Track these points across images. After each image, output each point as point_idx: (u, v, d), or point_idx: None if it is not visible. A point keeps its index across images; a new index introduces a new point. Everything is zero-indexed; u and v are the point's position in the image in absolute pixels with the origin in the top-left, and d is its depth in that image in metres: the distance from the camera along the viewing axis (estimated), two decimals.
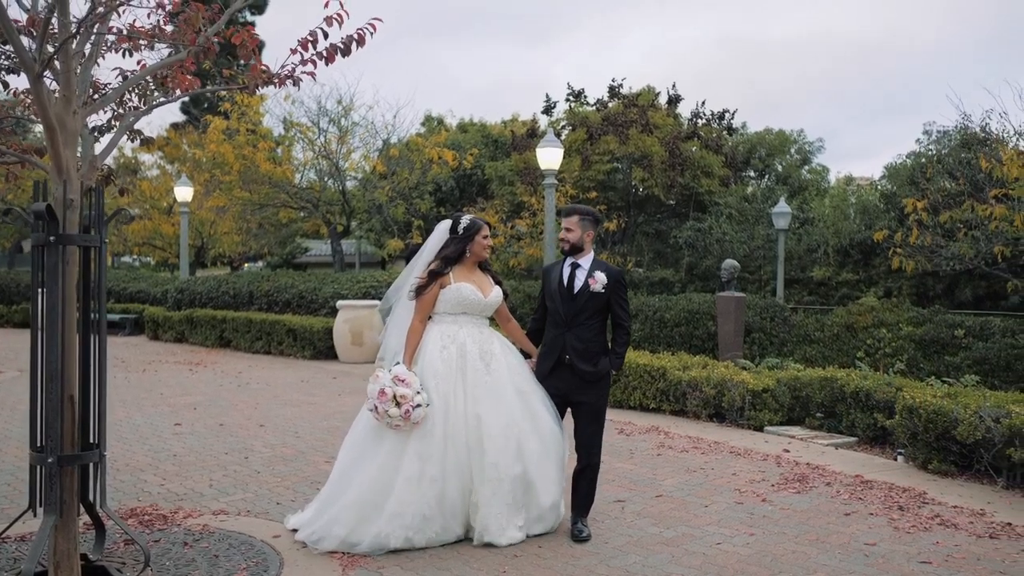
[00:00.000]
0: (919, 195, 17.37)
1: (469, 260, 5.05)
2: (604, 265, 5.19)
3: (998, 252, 15.47)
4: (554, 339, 5.13)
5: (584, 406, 5.10)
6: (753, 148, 29.59)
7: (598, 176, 23.91)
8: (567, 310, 5.09)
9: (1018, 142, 16.62)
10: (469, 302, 4.96)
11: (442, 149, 19.97)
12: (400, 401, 4.62)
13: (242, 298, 18.71)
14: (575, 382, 5.06)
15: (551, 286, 5.21)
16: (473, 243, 5.04)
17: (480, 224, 5.09)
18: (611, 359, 5.15)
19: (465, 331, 4.95)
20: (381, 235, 22.96)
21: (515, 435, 4.82)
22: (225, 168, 20.19)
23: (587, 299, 5.06)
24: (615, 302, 5.13)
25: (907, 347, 11.82)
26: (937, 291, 19.37)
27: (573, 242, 5.15)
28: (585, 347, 5.06)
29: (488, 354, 4.93)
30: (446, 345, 4.89)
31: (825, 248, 21.57)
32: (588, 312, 5.07)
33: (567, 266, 5.19)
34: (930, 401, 6.78)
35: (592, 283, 5.06)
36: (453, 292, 4.93)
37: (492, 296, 5.07)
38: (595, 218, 5.30)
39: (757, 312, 13.74)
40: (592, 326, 5.10)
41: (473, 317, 5.00)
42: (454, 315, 4.97)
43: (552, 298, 5.18)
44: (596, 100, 26.67)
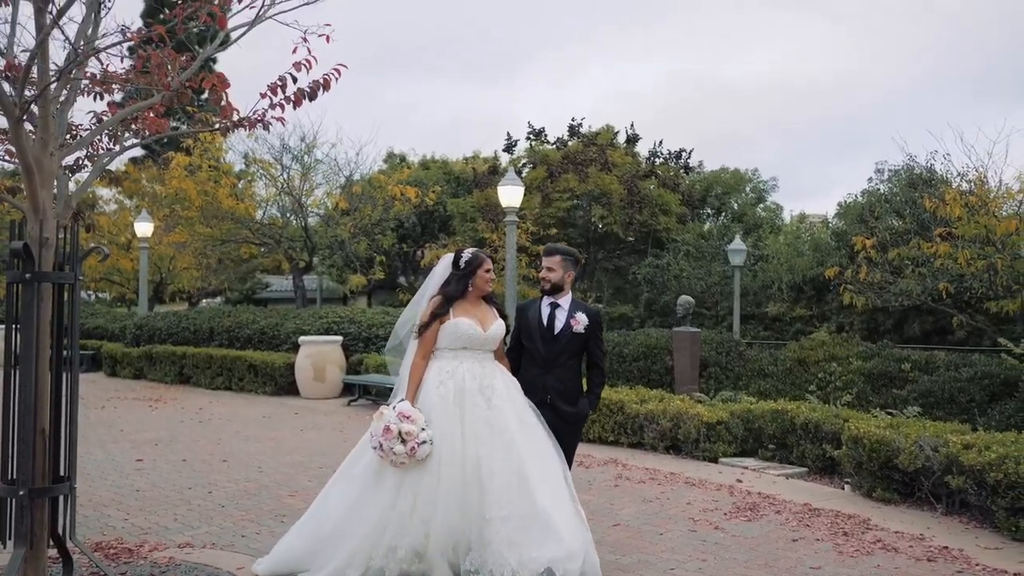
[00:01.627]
0: (868, 233, 17.97)
1: (472, 294, 4.98)
2: (583, 305, 5.20)
3: (943, 289, 16.03)
4: (534, 379, 5.06)
5: (560, 445, 4.94)
6: (709, 186, 30.28)
7: (558, 213, 24.33)
8: (548, 351, 5.05)
9: (960, 183, 17.35)
10: (468, 337, 4.86)
11: (404, 186, 20.21)
12: (406, 438, 4.55)
13: (203, 334, 18.65)
14: (556, 423, 4.96)
15: (529, 325, 5.15)
16: (476, 277, 4.97)
17: (482, 258, 5.02)
18: (589, 399, 5.17)
19: (465, 366, 4.84)
20: (343, 271, 23.06)
21: (519, 470, 4.62)
22: (185, 204, 20.21)
23: (568, 340, 5.05)
24: (593, 343, 5.14)
25: (857, 380, 12.18)
26: (887, 326, 19.93)
27: (555, 281, 5.13)
28: (566, 388, 5.05)
29: (489, 388, 4.81)
30: (443, 381, 4.81)
31: (779, 284, 22.10)
32: (568, 353, 5.07)
33: (546, 305, 5.16)
34: (874, 432, 7.09)
35: (575, 324, 5.05)
36: (451, 327, 4.86)
37: (492, 330, 4.95)
38: (576, 259, 5.30)
39: (713, 347, 14.07)
40: (572, 366, 5.11)
41: (474, 352, 4.90)
42: (454, 350, 4.88)
43: (531, 338, 5.12)
44: (556, 139, 27.20)
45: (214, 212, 19.63)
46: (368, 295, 29.98)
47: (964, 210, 15.30)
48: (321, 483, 7.74)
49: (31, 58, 4.06)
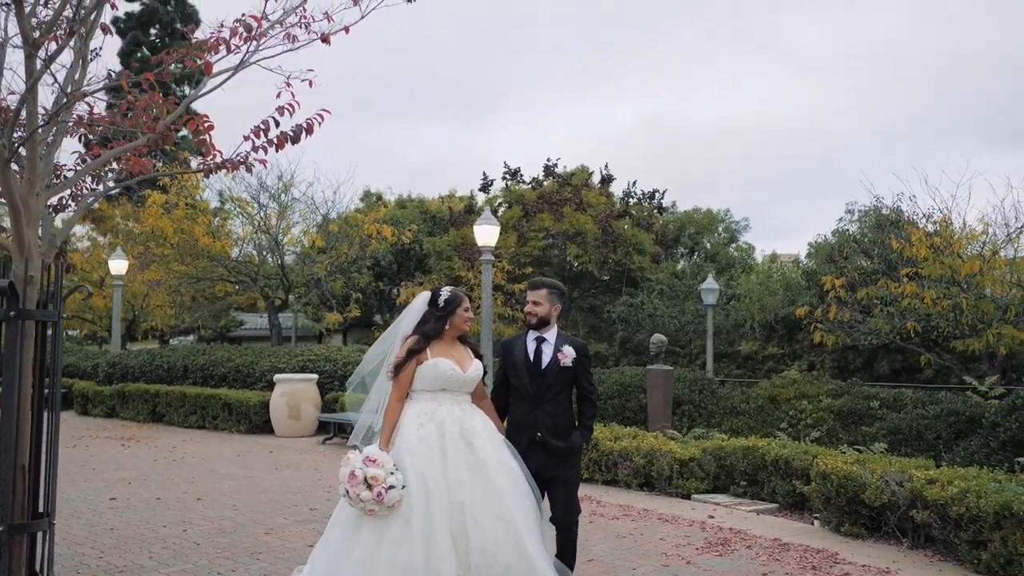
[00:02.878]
0: (838, 273, 18.33)
1: (448, 334, 4.83)
2: (569, 339, 5.12)
3: (911, 328, 16.36)
4: (523, 417, 4.97)
5: (558, 481, 4.94)
6: (682, 226, 30.71)
7: (534, 252, 24.56)
8: (536, 386, 4.95)
9: (926, 224, 17.79)
10: (447, 378, 4.69)
11: (381, 225, 20.35)
12: (371, 483, 4.32)
13: (176, 372, 18.55)
14: (548, 459, 4.88)
15: (515, 361, 5.04)
16: (454, 317, 4.83)
17: (461, 297, 4.89)
18: (581, 432, 5.06)
19: (444, 408, 4.67)
20: (319, 309, 23.08)
21: (505, 516, 4.48)
22: (159, 241, 20.22)
23: (556, 374, 4.96)
24: (581, 375, 5.05)
25: (827, 418, 12.38)
26: (857, 364, 20.22)
27: (541, 316, 5.04)
28: (556, 423, 4.94)
29: (470, 431, 4.65)
30: (423, 423, 4.61)
31: (751, 323, 22.38)
32: (557, 387, 4.98)
33: (532, 340, 5.06)
34: (841, 467, 7.25)
35: (562, 358, 4.96)
36: (430, 368, 4.68)
37: (471, 371, 4.80)
38: (561, 292, 5.22)
39: (686, 385, 14.24)
40: (561, 401, 5.01)
41: (452, 393, 4.73)
42: (432, 392, 4.70)
43: (518, 374, 5.01)
44: (532, 179, 27.52)
45: (190, 250, 19.65)
46: (343, 333, 29.95)
47: (930, 251, 15.72)
48: (297, 521, 7.80)
49: (21, 102, 4.18)
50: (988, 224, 16.36)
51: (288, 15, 5.83)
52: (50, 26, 4.32)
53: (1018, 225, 16.11)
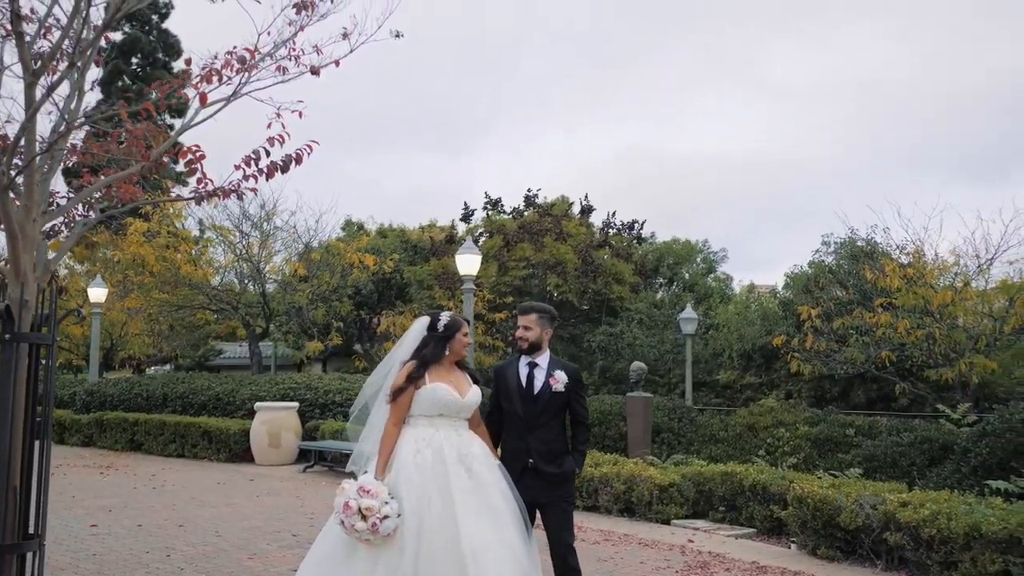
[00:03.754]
0: (814, 303, 18.64)
1: (447, 359, 4.78)
2: (561, 363, 5.05)
3: (885, 357, 16.65)
4: (516, 443, 4.92)
5: (552, 507, 4.86)
6: (661, 257, 31.04)
7: (514, 281, 24.74)
8: (528, 412, 4.89)
9: (899, 256, 18.16)
10: (445, 403, 4.62)
11: (363, 254, 20.47)
12: (366, 514, 4.26)
13: (156, 400, 18.48)
14: (542, 485, 4.82)
15: (508, 387, 4.99)
16: (454, 342, 4.78)
17: (460, 322, 4.85)
18: (575, 457, 4.99)
19: (442, 434, 4.60)
20: (299, 337, 23.09)
21: (505, 542, 4.41)
22: (138, 269, 20.22)
23: (548, 400, 4.90)
24: (575, 400, 4.98)
25: (804, 445, 12.55)
26: (833, 393, 20.48)
27: (532, 340, 4.97)
28: (548, 449, 4.87)
29: (468, 457, 4.57)
30: (420, 449, 4.54)
31: (730, 352, 22.63)
32: (550, 413, 4.91)
33: (524, 365, 4.99)
34: (817, 491, 7.41)
35: (554, 383, 4.90)
36: (428, 393, 4.61)
37: (470, 396, 4.73)
38: (552, 316, 5.14)
39: (665, 413, 14.39)
40: (554, 427, 4.94)
41: (450, 419, 4.66)
42: (430, 417, 4.63)
43: (510, 400, 4.96)
44: (512, 209, 27.79)
45: (171, 278, 19.66)
46: (323, 362, 29.92)
47: (903, 282, 16.05)
48: (280, 546, 7.84)
49: (21, 130, 4.30)
50: (959, 256, 16.75)
51: (279, 48, 6.00)
52: (50, 57, 4.46)
53: (988, 257, 16.52)
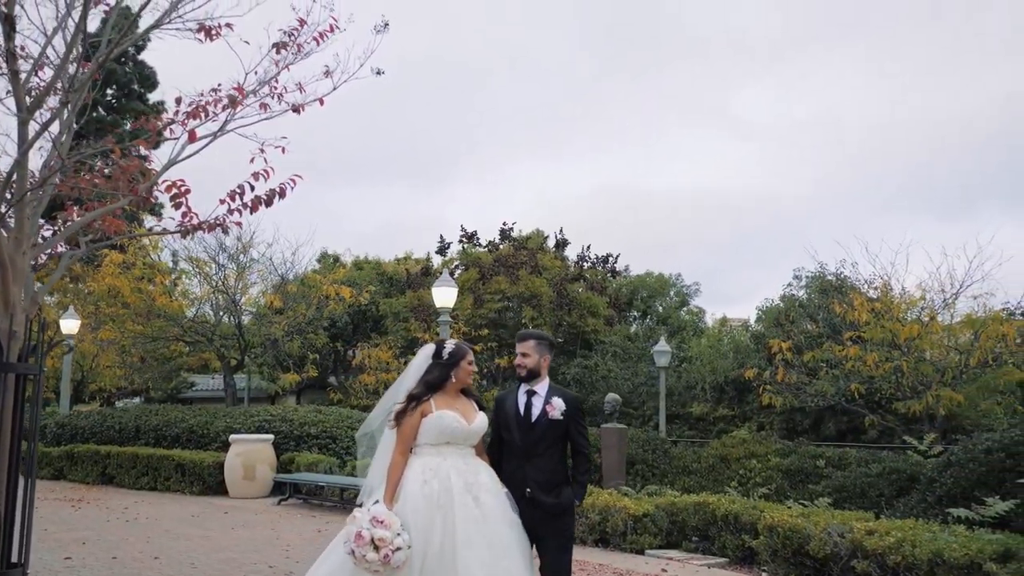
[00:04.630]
0: (785, 336, 18.95)
1: (452, 387, 4.74)
2: (561, 391, 4.94)
3: (855, 390, 16.95)
4: (513, 472, 4.79)
5: (550, 540, 4.73)
6: (635, 290, 31.36)
7: (489, 314, 24.88)
8: (525, 440, 4.81)
9: (868, 290, 18.55)
10: (452, 431, 4.59)
11: (339, 286, 20.55)
12: (379, 545, 4.22)
13: (128, 432, 18.34)
14: (539, 516, 4.68)
15: (507, 415, 4.92)
16: (458, 369, 4.74)
17: (466, 350, 4.82)
18: (574, 489, 4.86)
19: (449, 462, 4.56)
20: (274, 369, 23.03)
21: (513, 572, 4.39)
22: (110, 301, 20.14)
23: (546, 428, 4.80)
24: (574, 429, 4.86)
25: (775, 476, 12.75)
26: (805, 425, 20.73)
27: (530, 368, 4.89)
28: (547, 479, 4.75)
29: (476, 486, 4.52)
30: (428, 480, 4.48)
31: (703, 385, 22.87)
32: (548, 441, 4.80)
33: (522, 393, 4.92)
34: (787, 520, 7.58)
35: (550, 410, 4.80)
36: (435, 421, 4.58)
37: (477, 423, 4.70)
38: (550, 342, 5.07)
39: (640, 445, 14.54)
40: (552, 456, 4.82)
41: (458, 447, 4.63)
42: (437, 446, 4.60)
43: (508, 428, 4.88)
44: (488, 242, 28.01)
45: (146, 309, 19.60)
46: (297, 394, 29.79)
47: (871, 315, 16.40)
48: None
49: (14, 166, 4.42)
50: (925, 290, 17.16)
51: (263, 86, 6.18)
52: (42, 96, 4.60)
53: (953, 291, 16.92)
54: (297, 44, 6.20)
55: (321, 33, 6.27)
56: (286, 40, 6.23)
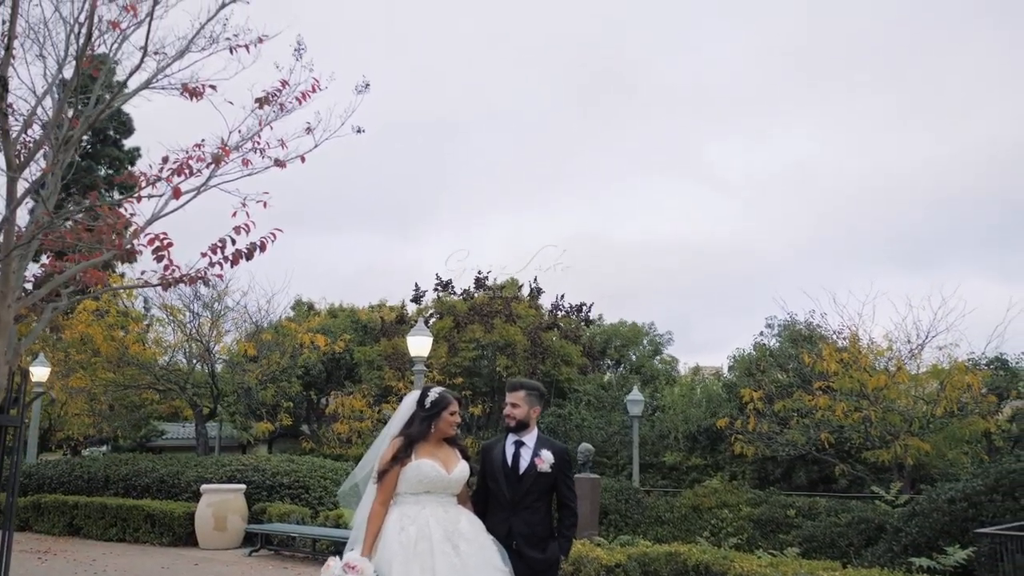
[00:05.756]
0: (756, 386, 19.18)
1: (435, 436, 4.71)
2: (549, 442, 4.89)
3: (825, 439, 17.17)
4: (499, 524, 4.70)
5: None
6: (609, 339, 31.56)
7: (464, 362, 24.95)
8: (513, 492, 4.73)
9: (836, 340, 18.87)
10: (430, 479, 4.57)
11: (314, 334, 20.57)
12: None
13: (97, 482, 18.08)
14: (524, 570, 4.61)
15: (493, 466, 4.84)
16: (440, 419, 4.71)
17: (449, 399, 4.77)
18: (560, 543, 4.79)
19: (428, 510, 4.53)
20: (247, 418, 22.89)
21: None
22: (79, 347, 20.01)
23: (534, 480, 4.73)
24: (561, 481, 4.80)
25: (746, 526, 12.87)
26: (776, 475, 20.89)
27: (519, 418, 4.85)
28: (533, 531, 4.69)
29: (456, 534, 4.48)
30: (405, 527, 4.46)
31: (676, 434, 22.99)
32: (535, 494, 4.74)
33: (510, 444, 4.85)
34: (756, 570, 7.70)
35: (539, 463, 4.74)
36: (413, 470, 4.57)
37: (457, 472, 4.66)
38: (541, 393, 5.03)
39: (613, 495, 14.60)
40: (539, 508, 4.76)
41: (437, 495, 4.60)
42: (416, 495, 4.57)
43: (495, 479, 4.80)
44: (463, 290, 28.16)
45: (118, 357, 19.49)
46: (269, 443, 29.52)
47: (839, 365, 16.70)
48: None
49: (3, 222, 4.54)
50: (892, 341, 17.51)
51: (245, 141, 6.37)
52: (32, 154, 4.74)
53: (919, 342, 17.28)
54: (280, 103, 6.39)
55: (303, 93, 6.48)
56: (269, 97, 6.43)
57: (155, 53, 5.76)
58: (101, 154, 36.86)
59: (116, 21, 5.02)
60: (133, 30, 5.28)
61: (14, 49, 4.88)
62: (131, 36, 5.68)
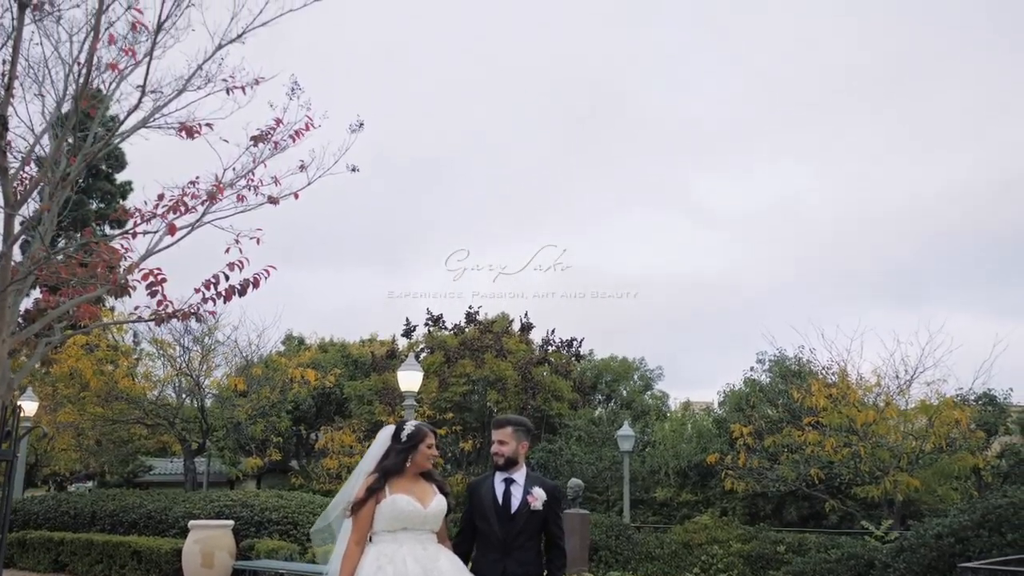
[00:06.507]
0: (746, 421, 19.22)
1: (410, 470, 4.57)
2: (540, 479, 4.81)
3: (815, 475, 17.19)
4: (491, 566, 4.59)
5: None
6: (600, 374, 31.57)
7: (454, 398, 24.91)
8: (505, 532, 4.60)
9: (825, 375, 18.96)
10: (406, 515, 4.43)
11: (305, 369, 20.57)
12: None
13: (83, 518, 17.93)
14: None
15: (482, 504, 4.69)
16: (416, 452, 4.57)
17: (425, 432, 4.64)
18: None
19: (406, 548, 4.38)
20: (236, 453, 22.77)
21: None
22: (68, 382, 19.95)
23: (527, 519, 4.61)
24: (551, 520, 4.70)
25: (737, 562, 12.84)
26: (767, 511, 20.85)
27: (508, 455, 4.73)
28: (525, 572, 4.58)
29: (434, 572, 4.35)
30: (382, 566, 4.30)
31: (666, 470, 22.94)
32: (528, 533, 4.62)
33: (500, 482, 4.73)
34: None
35: (532, 500, 4.62)
36: (388, 505, 4.42)
37: (433, 506, 4.52)
38: (528, 429, 4.92)
39: (603, 531, 14.56)
40: (531, 548, 4.65)
41: (415, 532, 4.45)
42: (393, 532, 4.43)
43: (485, 518, 4.66)
44: (454, 325, 28.19)
45: (109, 392, 19.43)
46: (258, 479, 29.31)
47: (828, 401, 16.78)
48: None
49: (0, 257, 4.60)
50: (880, 376, 17.62)
51: (240, 178, 6.47)
52: (30, 192, 4.82)
53: (907, 377, 17.39)
54: (274, 141, 6.51)
55: (297, 131, 6.60)
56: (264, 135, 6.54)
57: (152, 92, 5.88)
58: (93, 188, 36.97)
59: (115, 63, 5.15)
60: (131, 70, 5.41)
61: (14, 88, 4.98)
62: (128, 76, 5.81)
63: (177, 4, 5.44)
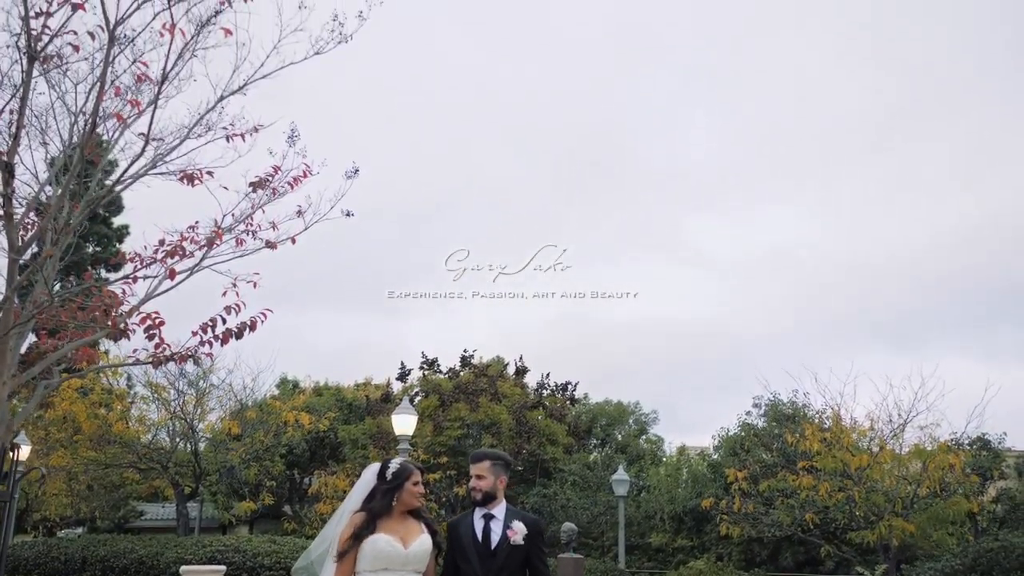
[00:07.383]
0: (740, 466, 19.18)
1: (397, 509, 4.46)
2: (520, 513, 4.68)
3: (810, 519, 17.13)
4: None
5: None
6: (594, 418, 31.50)
7: (449, 441, 24.82)
8: (486, 570, 4.48)
9: (820, 420, 18.97)
10: (386, 555, 4.30)
11: (299, 412, 20.53)
12: None
13: (74, 564, 17.76)
14: None
15: (463, 543, 4.58)
16: (402, 491, 4.46)
17: (411, 470, 4.52)
18: None
19: None
20: (229, 498, 22.60)
21: None
22: (61, 426, 19.87)
23: (507, 554, 4.49)
24: (534, 554, 4.57)
25: None
26: (763, 556, 20.71)
27: (486, 490, 4.61)
28: None
29: None
30: None
31: (661, 515, 22.81)
32: (510, 569, 4.49)
33: (479, 518, 4.61)
34: None
35: (512, 535, 4.50)
36: (369, 546, 4.31)
37: (415, 547, 4.39)
38: (506, 463, 4.78)
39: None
40: None
41: (397, 573, 4.33)
42: (374, 572, 4.32)
43: (466, 557, 4.53)
44: (449, 369, 28.17)
45: (102, 436, 19.36)
46: (250, 524, 29.03)
47: (822, 445, 16.77)
48: None
49: (3, 300, 4.70)
50: (874, 420, 17.62)
51: (238, 223, 6.61)
52: (33, 238, 4.93)
53: (901, 422, 17.39)
54: (272, 188, 6.66)
55: (295, 178, 6.76)
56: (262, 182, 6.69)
57: (154, 140, 6.03)
58: (90, 231, 37.07)
59: (119, 113, 5.31)
60: (134, 120, 5.55)
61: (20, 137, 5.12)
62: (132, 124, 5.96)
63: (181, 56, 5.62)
